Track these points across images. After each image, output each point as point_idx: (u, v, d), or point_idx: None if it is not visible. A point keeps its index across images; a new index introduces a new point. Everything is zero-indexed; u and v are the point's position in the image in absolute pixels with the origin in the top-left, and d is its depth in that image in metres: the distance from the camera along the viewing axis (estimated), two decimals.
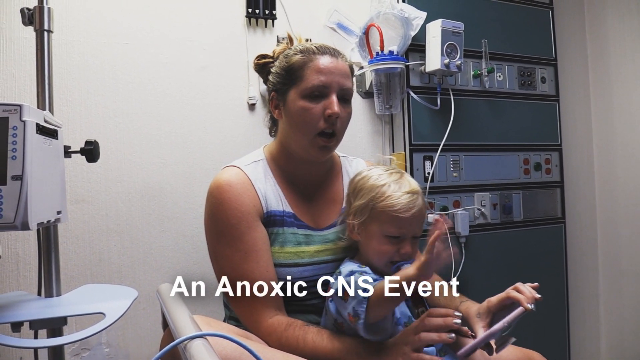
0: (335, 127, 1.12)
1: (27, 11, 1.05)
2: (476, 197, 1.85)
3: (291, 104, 1.14)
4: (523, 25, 2.00)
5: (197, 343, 0.69)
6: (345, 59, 1.18)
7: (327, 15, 1.74)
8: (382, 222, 1.04)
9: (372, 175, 1.10)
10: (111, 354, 1.45)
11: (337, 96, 1.12)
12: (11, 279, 1.36)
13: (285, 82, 1.16)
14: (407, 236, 1.05)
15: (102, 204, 1.46)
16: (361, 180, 1.11)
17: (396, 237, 1.04)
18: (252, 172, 1.16)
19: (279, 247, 1.12)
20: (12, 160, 0.80)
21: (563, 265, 2.04)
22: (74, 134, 1.40)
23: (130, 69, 1.50)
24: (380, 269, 1.07)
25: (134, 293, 1.02)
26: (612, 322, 2.12)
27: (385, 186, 1.06)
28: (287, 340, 1.02)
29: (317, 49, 1.15)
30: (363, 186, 1.09)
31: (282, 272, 1.11)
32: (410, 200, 1.04)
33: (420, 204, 1.06)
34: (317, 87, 1.11)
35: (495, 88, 1.92)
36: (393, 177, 1.08)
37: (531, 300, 0.96)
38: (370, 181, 1.09)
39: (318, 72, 1.11)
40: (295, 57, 1.15)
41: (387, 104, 1.68)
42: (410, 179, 1.10)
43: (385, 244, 1.05)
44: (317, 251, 1.15)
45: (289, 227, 1.14)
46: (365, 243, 1.09)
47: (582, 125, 2.19)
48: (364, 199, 1.07)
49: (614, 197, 2.11)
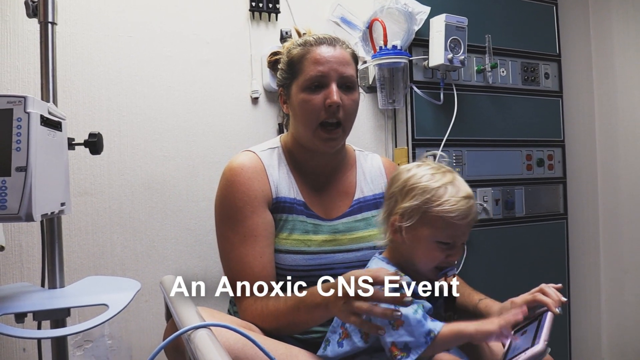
0: (339, 117, 1.12)
1: (31, 3, 1.04)
2: (479, 193, 1.85)
3: (294, 97, 1.15)
4: (527, 20, 1.99)
5: (201, 333, 0.70)
6: (346, 46, 1.17)
7: (331, 10, 1.73)
8: (435, 227, 0.96)
9: (424, 175, 0.99)
10: (114, 345, 1.46)
11: (337, 85, 1.11)
12: (14, 270, 1.36)
13: (288, 76, 1.17)
14: (458, 243, 0.98)
15: (105, 197, 1.46)
16: (412, 179, 0.99)
17: (447, 243, 0.97)
18: (266, 158, 1.18)
19: (287, 234, 1.13)
20: (17, 151, 0.80)
21: (565, 261, 2.04)
22: (77, 126, 1.40)
23: (133, 62, 1.50)
24: (424, 273, 1.01)
25: (137, 285, 1.03)
26: (613, 319, 2.13)
27: (441, 189, 0.96)
28: (257, 311, 1.04)
29: (315, 40, 1.15)
30: (415, 186, 0.98)
31: (288, 259, 1.12)
32: (468, 207, 0.96)
33: (475, 210, 0.99)
34: (315, 78, 1.11)
35: (498, 83, 1.91)
36: (447, 178, 0.98)
37: (558, 304, 0.91)
38: (423, 181, 0.98)
39: (315, 63, 1.12)
40: (295, 50, 1.16)
41: (390, 98, 1.68)
42: (462, 180, 1.01)
43: (435, 250, 0.97)
44: (325, 241, 1.16)
45: (298, 214, 1.15)
46: (411, 246, 0.99)
47: (585, 122, 2.19)
48: (417, 200, 0.97)
49: (617, 194, 2.11)
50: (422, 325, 0.89)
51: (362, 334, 0.97)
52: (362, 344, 0.96)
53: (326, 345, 1.02)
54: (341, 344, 0.99)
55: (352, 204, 1.22)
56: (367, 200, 1.24)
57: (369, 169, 1.30)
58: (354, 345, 0.97)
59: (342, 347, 0.98)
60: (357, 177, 1.27)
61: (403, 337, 0.88)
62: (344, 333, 0.99)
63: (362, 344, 0.96)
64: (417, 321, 0.89)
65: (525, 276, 1.91)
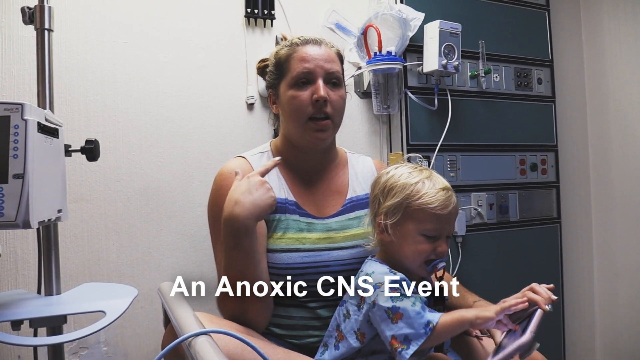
0: (327, 111, 1.15)
1: (27, 10, 1.05)
2: (473, 197, 1.86)
3: (282, 95, 1.19)
4: (520, 26, 2.01)
5: (201, 340, 0.70)
6: (331, 45, 1.22)
7: (326, 16, 1.74)
8: (418, 220, 1.01)
9: (402, 174, 1.05)
10: (110, 352, 1.45)
11: (324, 81, 1.15)
12: (10, 277, 1.36)
13: (276, 77, 1.21)
14: (443, 234, 1.02)
15: (101, 203, 1.45)
16: (391, 179, 1.06)
17: (432, 236, 1.01)
18: (256, 162, 1.21)
19: (282, 233, 1.14)
20: (14, 158, 0.80)
21: (558, 265, 2.06)
22: (73, 133, 1.40)
23: (129, 68, 1.50)
24: (414, 270, 1.04)
25: (133, 291, 1.03)
26: (607, 322, 2.14)
27: (419, 183, 1.02)
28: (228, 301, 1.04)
29: (301, 40, 1.20)
30: (394, 185, 1.04)
31: (284, 258, 1.12)
32: (447, 197, 1.01)
33: (455, 201, 1.04)
34: (301, 75, 1.15)
35: (492, 89, 1.93)
36: (424, 174, 1.05)
37: (548, 301, 0.94)
38: (402, 179, 1.04)
39: (302, 61, 1.16)
40: (282, 51, 1.21)
41: (385, 104, 1.69)
42: (439, 175, 1.07)
43: (421, 243, 1.01)
44: (319, 239, 1.17)
45: (291, 214, 1.17)
46: (399, 243, 1.03)
47: (578, 126, 2.21)
48: (398, 197, 1.02)
49: (610, 198, 2.13)
50: (421, 317, 0.92)
51: (358, 335, 0.99)
52: (358, 344, 0.99)
53: (324, 350, 1.05)
54: (337, 347, 1.02)
55: (345, 203, 1.24)
56: (359, 199, 1.25)
57: (361, 169, 1.32)
58: (350, 346, 1.00)
59: (339, 350, 1.01)
60: (349, 177, 1.29)
61: (402, 329, 0.91)
62: (340, 336, 1.02)
63: (358, 344, 0.99)
64: (415, 313, 0.92)
65: (519, 280, 1.90)
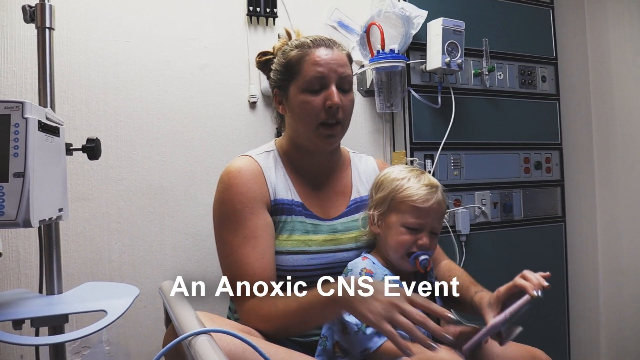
0: (338, 117, 1.15)
1: (28, 8, 1.04)
2: (477, 196, 1.85)
3: (293, 98, 1.16)
4: (524, 24, 2.00)
5: (202, 339, 0.69)
6: (342, 48, 1.20)
7: (328, 14, 1.73)
8: (401, 212, 1.09)
9: (393, 171, 1.16)
10: (112, 351, 1.45)
11: (336, 86, 1.14)
12: (12, 276, 1.35)
13: (285, 78, 1.18)
14: (426, 228, 1.08)
15: (102, 202, 1.45)
16: (383, 176, 1.17)
17: (414, 228, 1.07)
18: (263, 161, 1.19)
19: (287, 235, 1.14)
20: (14, 157, 0.80)
21: (563, 264, 2.05)
22: (74, 132, 1.40)
23: (131, 67, 1.49)
24: (397, 262, 1.10)
25: (135, 291, 1.02)
26: (612, 321, 2.13)
27: (405, 179, 1.12)
28: (263, 311, 1.03)
29: (312, 42, 1.17)
30: (385, 180, 1.15)
31: (290, 260, 1.12)
32: (429, 192, 1.09)
33: (440, 198, 1.10)
34: (315, 79, 1.13)
35: (496, 87, 1.92)
36: (414, 173, 1.14)
37: (538, 287, 0.93)
38: (392, 175, 1.14)
39: (314, 65, 1.13)
40: (292, 52, 1.18)
41: (388, 102, 1.68)
42: (430, 176, 1.15)
43: (403, 234, 1.08)
44: (325, 240, 1.16)
45: (297, 215, 1.16)
46: (384, 234, 1.11)
47: (582, 124, 2.19)
48: (385, 191, 1.12)
49: (614, 196, 2.11)
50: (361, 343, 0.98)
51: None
52: None
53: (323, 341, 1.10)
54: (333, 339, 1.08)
55: (349, 204, 1.24)
56: (363, 200, 1.25)
57: (364, 170, 1.31)
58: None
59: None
60: (352, 177, 1.28)
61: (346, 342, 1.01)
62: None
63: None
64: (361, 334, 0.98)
65: None
